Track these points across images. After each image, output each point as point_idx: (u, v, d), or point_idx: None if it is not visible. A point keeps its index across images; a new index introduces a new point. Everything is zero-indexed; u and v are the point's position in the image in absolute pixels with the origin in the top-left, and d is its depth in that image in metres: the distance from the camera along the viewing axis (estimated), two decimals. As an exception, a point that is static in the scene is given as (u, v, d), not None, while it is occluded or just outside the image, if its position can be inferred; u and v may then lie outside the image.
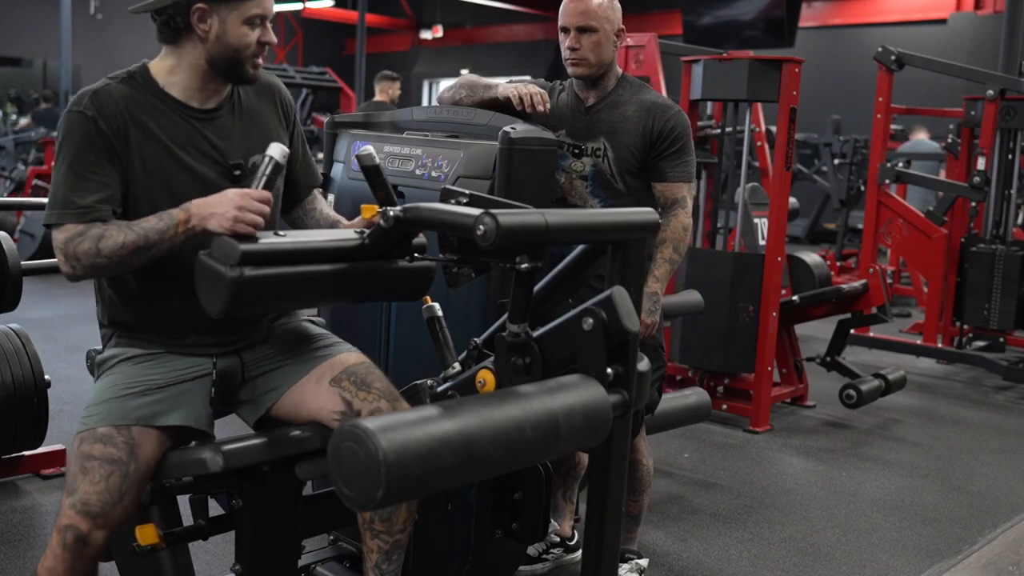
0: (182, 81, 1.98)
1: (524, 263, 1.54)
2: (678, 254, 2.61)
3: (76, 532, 1.83)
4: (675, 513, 3.49)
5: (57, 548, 1.84)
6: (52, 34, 13.72)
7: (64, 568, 1.83)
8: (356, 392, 1.99)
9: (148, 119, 1.93)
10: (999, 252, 5.79)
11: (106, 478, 1.85)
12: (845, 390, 4.73)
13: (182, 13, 1.91)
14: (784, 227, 4.56)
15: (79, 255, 1.85)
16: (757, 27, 10.50)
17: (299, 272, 1.79)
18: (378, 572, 2.04)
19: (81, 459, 1.87)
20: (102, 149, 1.89)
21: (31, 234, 7.84)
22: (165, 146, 1.94)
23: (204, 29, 1.92)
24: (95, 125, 1.88)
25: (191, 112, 1.99)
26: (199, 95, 2.00)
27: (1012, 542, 3.39)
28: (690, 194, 2.64)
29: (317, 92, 10.24)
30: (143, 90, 1.96)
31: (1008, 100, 5.89)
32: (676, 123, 2.59)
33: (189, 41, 1.94)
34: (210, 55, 1.94)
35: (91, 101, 1.90)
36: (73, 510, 1.83)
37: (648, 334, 2.58)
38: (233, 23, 1.92)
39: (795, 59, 4.42)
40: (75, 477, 1.86)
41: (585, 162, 2.63)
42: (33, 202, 5.17)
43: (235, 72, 1.98)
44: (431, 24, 20.21)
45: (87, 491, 1.84)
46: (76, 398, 4.37)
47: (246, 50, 1.95)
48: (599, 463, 1.56)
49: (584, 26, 2.56)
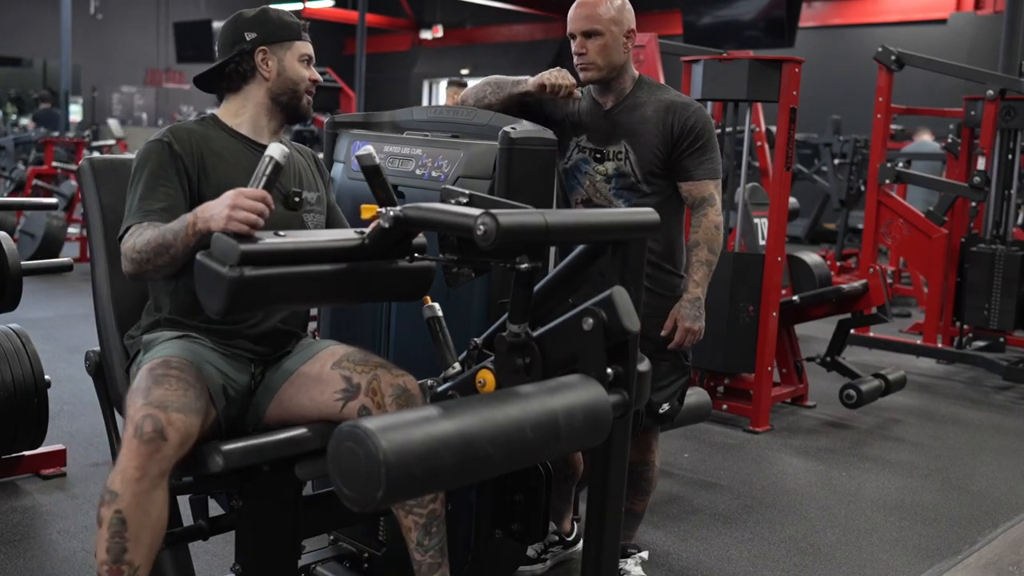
0: (249, 120, 2.25)
1: (524, 263, 1.54)
2: (713, 254, 2.57)
3: (154, 421, 1.78)
4: (675, 513, 3.49)
5: (132, 442, 1.77)
6: (52, 34, 13.74)
7: (136, 465, 1.76)
8: (354, 368, 2.06)
9: (222, 149, 2.18)
10: (999, 252, 5.79)
11: (183, 390, 1.88)
12: (845, 390, 4.73)
13: (247, 58, 2.21)
14: (784, 227, 4.56)
15: (126, 251, 2.01)
16: (757, 27, 10.49)
17: (299, 272, 1.79)
18: (422, 550, 2.05)
19: (154, 375, 1.89)
20: (173, 167, 2.09)
21: (31, 234, 7.84)
22: (238, 169, 2.14)
23: (267, 69, 2.22)
24: (169, 148, 2.10)
25: (257, 146, 2.20)
26: (264, 133, 2.26)
27: (1012, 542, 3.39)
28: (718, 191, 2.60)
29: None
30: (215, 129, 2.22)
31: (1008, 100, 5.88)
32: (697, 120, 2.55)
33: (253, 83, 2.23)
34: (273, 92, 2.23)
35: (168, 131, 2.15)
36: (150, 406, 1.80)
37: (692, 341, 2.56)
38: (290, 61, 2.24)
39: (795, 59, 4.42)
40: (147, 389, 1.85)
41: (608, 166, 2.60)
42: (33, 202, 5.17)
43: (294, 104, 2.26)
44: (431, 24, 20.22)
45: (163, 394, 1.84)
46: (76, 398, 4.37)
47: (302, 83, 2.26)
48: (599, 463, 1.56)
49: (590, 30, 2.53)
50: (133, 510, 1.76)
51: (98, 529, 1.78)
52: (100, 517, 1.77)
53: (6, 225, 7.31)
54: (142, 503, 1.76)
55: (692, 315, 2.54)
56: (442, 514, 2.08)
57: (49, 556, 2.85)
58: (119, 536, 1.76)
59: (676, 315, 2.55)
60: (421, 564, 2.05)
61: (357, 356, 2.09)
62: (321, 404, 2.05)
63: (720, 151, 2.75)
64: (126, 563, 1.77)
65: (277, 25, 2.23)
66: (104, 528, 1.76)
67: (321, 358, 2.12)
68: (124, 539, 1.76)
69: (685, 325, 2.54)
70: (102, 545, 1.77)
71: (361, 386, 2.02)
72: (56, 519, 3.12)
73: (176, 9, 18.76)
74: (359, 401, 2.01)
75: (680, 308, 2.55)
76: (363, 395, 2.01)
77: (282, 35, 2.23)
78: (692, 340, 2.56)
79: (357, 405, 2.01)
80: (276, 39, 2.22)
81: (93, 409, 2.57)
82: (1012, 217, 6.17)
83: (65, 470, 3.52)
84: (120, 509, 1.75)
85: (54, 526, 3.07)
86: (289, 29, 2.25)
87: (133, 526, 1.76)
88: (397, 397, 2.00)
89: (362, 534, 2.55)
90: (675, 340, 2.55)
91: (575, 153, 2.64)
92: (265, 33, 2.21)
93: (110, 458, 2.24)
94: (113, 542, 1.76)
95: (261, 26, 2.22)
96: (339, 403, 2.03)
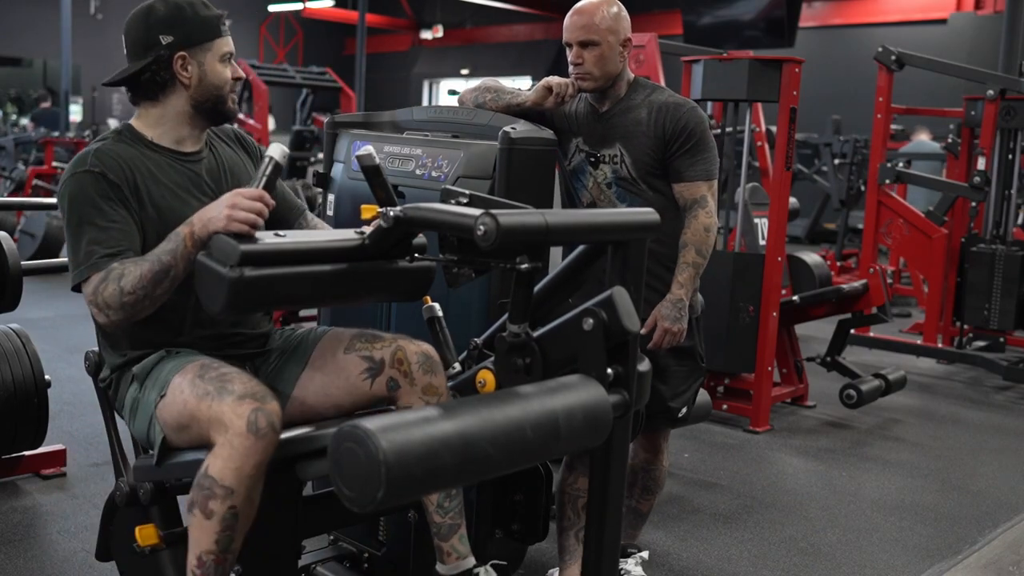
0: (170, 131, 2.09)
1: (524, 263, 1.54)
2: (702, 257, 2.53)
3: (266, 415, 1.76)
4: (675, 513, 3.49)
5: (247, 439, 1.74)
6: (52, 34, 13.72)
7: (255, 463, 1.74)
8: (371, 345, 2.04)
9: (150, 167, 2.04)
10: (999, 252, 5.79)
11: (251, 378, 1.86)
12: (845, 390, 4.73)
13: (165, 66, 2.03)
14: (784, 227, 4.56)
15: (108, 301, 1.89)
16: (757, 27, 10.50)
17: (299, 272, 1.79)
18: (442, 512, 2.04)
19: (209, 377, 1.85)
20: (115, 199, 1.96)
21: (31, 234, 7.84)
22: (171, 189, 2.05)
23: (187, 76, 2.04)
24: (104, 179, 1.96)
25: (183, 156, 2.10)
26: (187, 141, 2.11)
27: (1012, 542, 3.39)
28: (711, 193, 2.56)
29: (317, 92, 10.24)
30: (136, 144, 2.06)
31: (1008, 100, 5.88)
32: (689, 120, 2.52)
33: (172, 92, 2.06)
34: (194, 99, 2.07)
35: (95, 158, 1.98)
36: (248, 400, 1.77)
37: (673, 343, 2.52)
38: (211, 64, 2.06)
39: (795, 59, 4.42)
40: (220, 388, 1.80)
41: (605, 169, 2.59)
42: (33, 202, 5.17)
43: (219, 109, 2.10)
44: (431, 24, 20.22)
45: (244, 386, 1.81)
46: (76, 398, 4.37)
47: (225, 86, 2.08)
48: (599, 463, 1.56)
49: (586, 40, 2.51)
50: (245, 504, 1.77)
51: (202, 520, 1.77)
52: (209, 510, 1.76)
53: (6, 225, 7.31)
54: (252, 496, 1.78)
55: (673, 316, 2.49)
56: None
57: (49, 556, 2.85)
58: (230, 529, 1.78)
59: (657, 315, 2.50)
60: (441, 526, 2.05)
61: (367, 335, 2.08)
62: (347, 389, 2.04)
63: (720, 151, 2.73)
64: (231, 552, 1.81)
65: (195, 24, 2.03)
66: (214, 521, 1.76)
67: (325, 347, 2.11)
68: (234, 531, 1.78)
69: (665, 326, 2.49)
70: (209, 536, 1.77)
71: (385, 360, 2.01)
72: (56, 519, 3.12)
73: (176, 9, 18.75)
74: (386, 374, 2.01)
75: (661, 308, 2.50)
76: (389, 368, 2.00)
77: (201, 35, 2.03)
78: (671, 341, 2.51)
79: (385, 379, 2.01)
80: (195, 41, 2.02)
81: (93, 409, 2.57)
82: (1012, 217, 6.17)
83: (65, 470, 3.52)
84: (235, 504, 1.76)
85: (54, 526, 3.07)
86: (208, 27, 2.04)
87: (243, 518, 1.79)
88: (423, 364, 2.00)
89: (362, 534, 2.55)
90: (654, 340, 2.50)
91: (576, 155, 2.64)
92: (183, 35, 2.01)
93: (110, 458, 2.24)
94: (224, 535, 1.78)
95: (178, 27, 2.01)
96: (366, 381, 2.02)
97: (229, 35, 2.10)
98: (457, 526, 2.05)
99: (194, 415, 1.84)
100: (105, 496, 2.21)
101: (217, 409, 1.78)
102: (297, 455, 2.01)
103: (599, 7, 2.53)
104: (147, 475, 2.06)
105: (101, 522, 2.23)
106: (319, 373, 2.09)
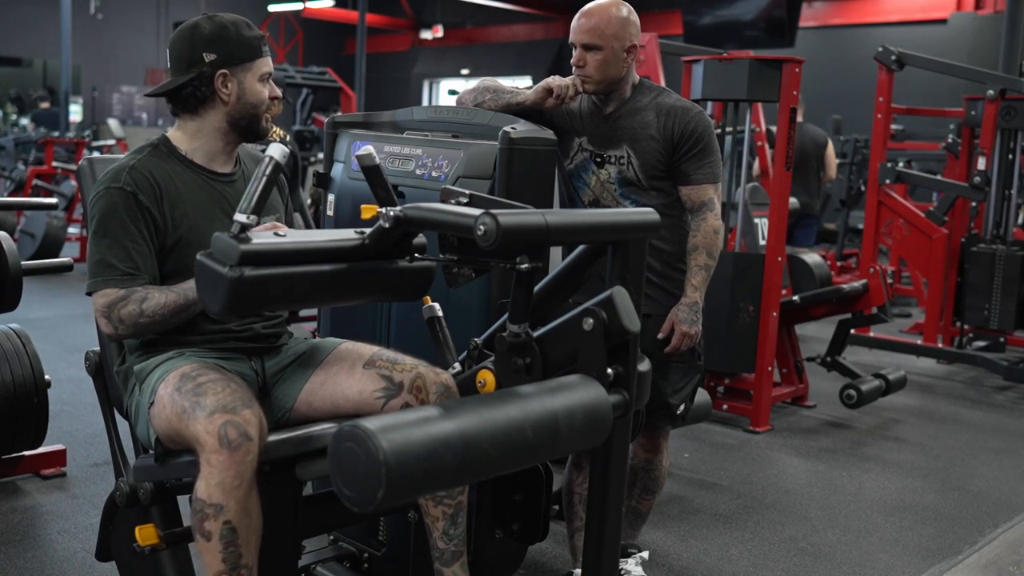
0: (204, 146, 2.16)
1: (524, 263, 1.54)
2: (712, 259, 2.57)
3: (235, 425, 1.77)
4: (675, 513, 3.49)
5: (221, 454, 1.76)
6: (52, 34, 13.72)
7: (234, 474, 1.76)
8: (392, 367, 2.05)
9: (179, 186, 2.10)
10: (999, 252, 5.79)
11: (227, 387, 1.87)
12: (845, 390, 4.73)
13: (207, 82, 2.09)
14: (784, 227, 4.56)
15: (123, 317, 1.99)
16: (757, 27, 10.51)
17: (299, 272, 1.79)
18: (447, 539, 2.06)
19: (188, 388, 1.86)
20: (143, 221, 2.03)
21: (31, 234, 7.85)
22: (198, 207, 2.11)
23: (226, 92, 2.11)
24: (135, 199, 2.03)
25: (214, 176, 2.17)
26: (219, 159, 2.18)
27: (1012, 542, 3.39)
28: (717, 195, 2.60)
29: (317, 92, 10.25)
30: (169, 159, 2.13)
31: (1008, 100, 5.88)
32: (696, 124, 2.55)
33: (211, 107, 2.13)
34: (231, 115, 2.13)
35: (129, 176, 2.05)
36: (219, 414, 1.78)
37: (689, 345, 2.56)
38: (250, 82, 2.13)
39: (795, 59, 4.42)
40: (194, 403, 1.82)
41: (609, 170, 2.60)
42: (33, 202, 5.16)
43: (252, 128, 2.17)
44: (431, 24, 20.21)
45: (217, 398, 1.82)
46: (76, 398, 4.37)
47: (262, 105, 2.15)
48: (599, 463, 1.55)
49: (590, 44, 2.52)
50: (240, 517, 1.78)
51: (204, 543, 1.79)
52: (206, 531, 1.78)
53: (6, 225, 7.30)
54: (245, 507, 1.79)
55: (689, 319, 2.54)
56: (467, 505, 2.10)
57: (49, 556, 2.85)
58: (232, 545, 1.78)
59: (674, 319, 2.56)
60: (444, 552, 2.06)
61: (389, 355, 2.09)
62: (357, 403, 2.05)
63: (720, 151, 2.74)
64: (243, 567, 1.81)
65: (238, 44, 2.10)
66: (215, 541, 1.78)
67: (342, 356, 2.12)
68: (237, 546, 1.79)
69: (683, 329, 2.54)
70: (215, 557, 1.79)
71: (404, 384, 2.02)
72: (56, 519, 3.12)
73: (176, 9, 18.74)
74: (402, 399, 2.01)
75: (678, 312, 2.56)
76: (407, 392, 2.01)
77: (243, 55, 2.10)
78: (688, 344, 2.56)
79: (400, 402, 2.01)
80: (237, 60, 2.10)
81: (93, 409, 2.57)
82: (1012, 217, 6.17)
83: (65, 470, 3.52)
84: (228, 519, 1.77)
85: (54, 526, 3.07)
86: (250, 47, 2.12)
87: (242, 531, 1.79)
88: (441, 394, 2.01)
89: (362, 534, 2.55)
90: (672, 344, 2.56)
91: (578, 154, 2.64)
92: (226, 54, 2.08)
93: (110, 458, 2.24)
94: (228, 552, 1.78)
95: (221, 46, 2.08)
96: (380, 400, 2.03)
97: (269, 56, 2.17)
98: (460, 553, 2.07)
99: (178, 431, 1.88)
100: (105, 496, 2.21)
101: (193, 429, 1.82)
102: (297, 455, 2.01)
103: (607, 11, 2.53)
104: (147, 475, 2.06)
105: (101, 522, 2.24)
106: (331, 381, 2.10)
